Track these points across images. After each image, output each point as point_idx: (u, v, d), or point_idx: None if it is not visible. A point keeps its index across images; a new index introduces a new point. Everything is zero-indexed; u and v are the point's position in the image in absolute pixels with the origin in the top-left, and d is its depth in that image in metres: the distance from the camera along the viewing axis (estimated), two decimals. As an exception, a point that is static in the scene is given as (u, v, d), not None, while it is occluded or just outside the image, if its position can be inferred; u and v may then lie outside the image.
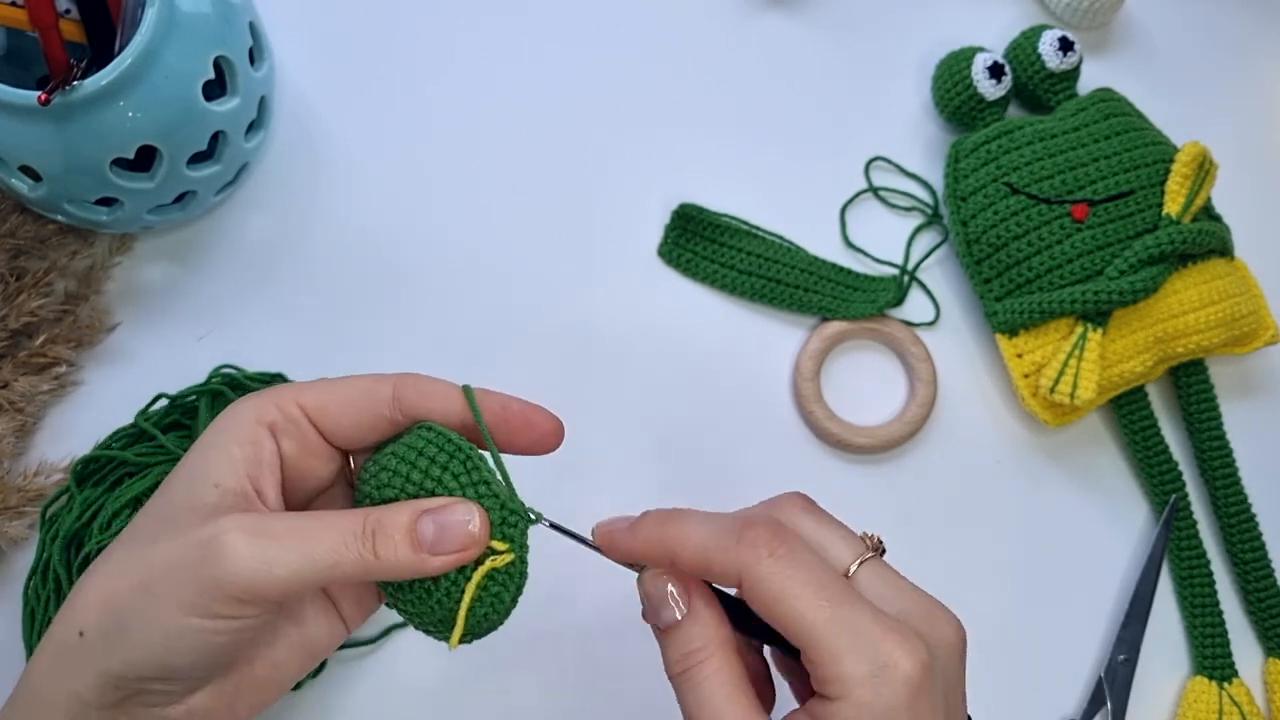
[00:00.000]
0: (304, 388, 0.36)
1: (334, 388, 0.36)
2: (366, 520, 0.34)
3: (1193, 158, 0.56)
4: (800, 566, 0.33)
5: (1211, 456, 0.58)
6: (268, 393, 0.36)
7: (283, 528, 0.33)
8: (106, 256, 0.56)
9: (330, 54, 0.60)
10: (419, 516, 0.34)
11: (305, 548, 0.33)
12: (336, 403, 0.36)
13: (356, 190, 0.59)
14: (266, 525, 0.33)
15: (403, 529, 0.34)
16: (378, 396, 0.36)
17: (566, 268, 0.58)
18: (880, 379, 0.58)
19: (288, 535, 0.33)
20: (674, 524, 0.35)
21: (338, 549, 0.33)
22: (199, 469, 0.35)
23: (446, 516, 0.34)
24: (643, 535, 0.35)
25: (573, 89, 0.61)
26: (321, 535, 0.33)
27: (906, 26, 0.64)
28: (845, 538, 0.36)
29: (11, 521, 0.51)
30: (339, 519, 0.34)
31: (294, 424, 0.36)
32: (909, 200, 0.61)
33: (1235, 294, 0.56)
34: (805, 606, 0.32)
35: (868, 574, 0.35)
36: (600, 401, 0.56)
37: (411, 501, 0.35)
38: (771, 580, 0.33)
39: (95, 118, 0.46)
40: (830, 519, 0.37)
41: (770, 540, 0.33)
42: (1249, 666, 0.57)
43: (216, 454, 0.35)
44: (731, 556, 0.33)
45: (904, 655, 0.32)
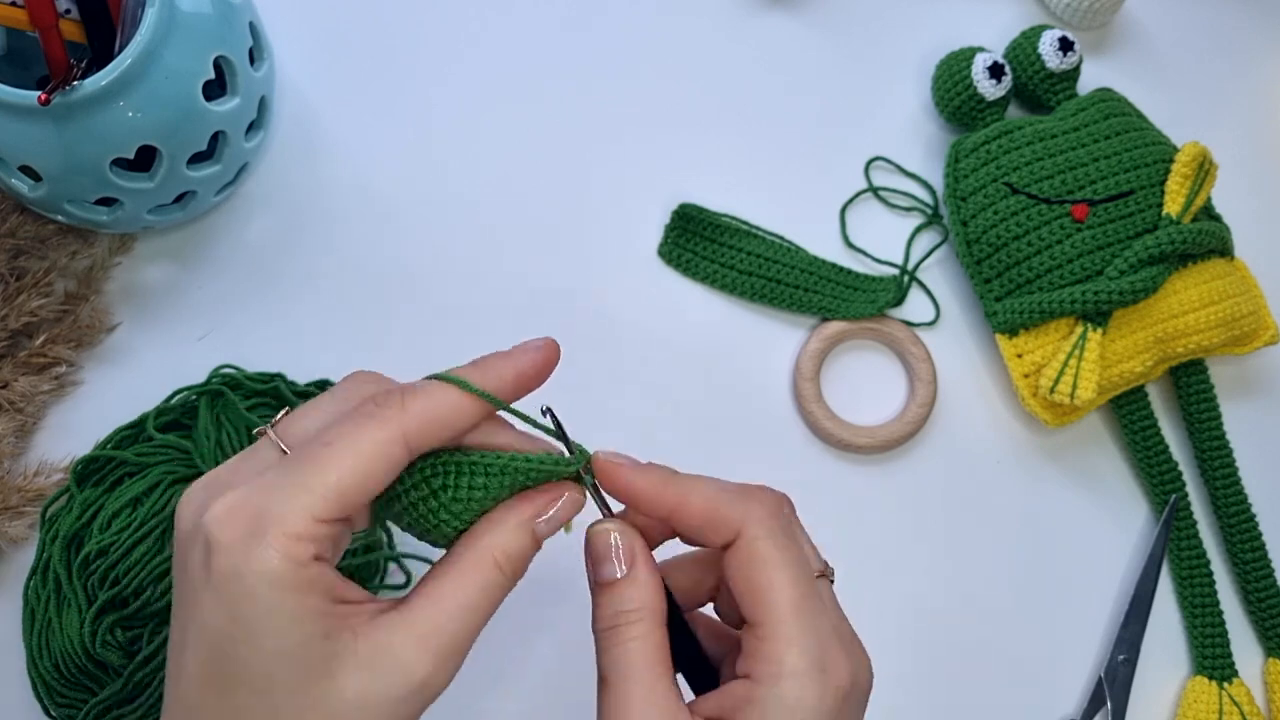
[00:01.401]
0: (304, 491, 0.31)
1: (341, 471, 0.32)
2: (496, 559, 0.34)
3: (1193, 158, 0.56)
4: (794, 543, 0.35)
5: (1211, 456, 0.58)
6: (275, 526, 0.31)
7: (459, 640, 0.33)
8: (106, 256, 0.56)
9: (330, 54, 0.60)
10: (534, 527, 0.34)
11: (476, 630, 0.33)
12: (354, 490, 0.32)
13: (356, 190, 0.59)
14: (452, 648, 0.33)
15: (530, 548, 0.34)
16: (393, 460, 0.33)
17: (567, 268, 0.58)
18: (880, 379, 0.58)
19: (463, 640, 0.33)
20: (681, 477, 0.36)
21: (491, 598, 0.34)
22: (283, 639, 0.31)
23: (558, 516, 0.35)
24: (652, 475, 0.36)
25: (572, 89, 0.61)
26: (485, 611, 0.33)
27: (906, 26, 0.64)
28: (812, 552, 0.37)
29: (11, 521, 0.51)
30: (481, 586, 0.33)
31: (329, 540, 0.32)
32: (909, 200, 0.61)
33: (1235, 294, 0.56)
34: (785, 582, 0.33)
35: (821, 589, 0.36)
36: (600, 401, 0.56)
37: (511, 514, 0.34)
38: (766, 543, 0.34)
39: (95, 118, 0.46)
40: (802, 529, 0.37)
41: (777, 509, 0.35)
42: (1249, 666, 0.57)
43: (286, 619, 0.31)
44: (739, 510, 0.34)
45: (844, 667, 0.33)
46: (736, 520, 0.34)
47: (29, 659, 0.48)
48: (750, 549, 0.34)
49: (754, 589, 0.34)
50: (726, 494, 0.35)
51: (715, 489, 0.35)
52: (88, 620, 0.47)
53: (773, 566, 0.34)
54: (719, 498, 0.35)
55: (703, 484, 0.35)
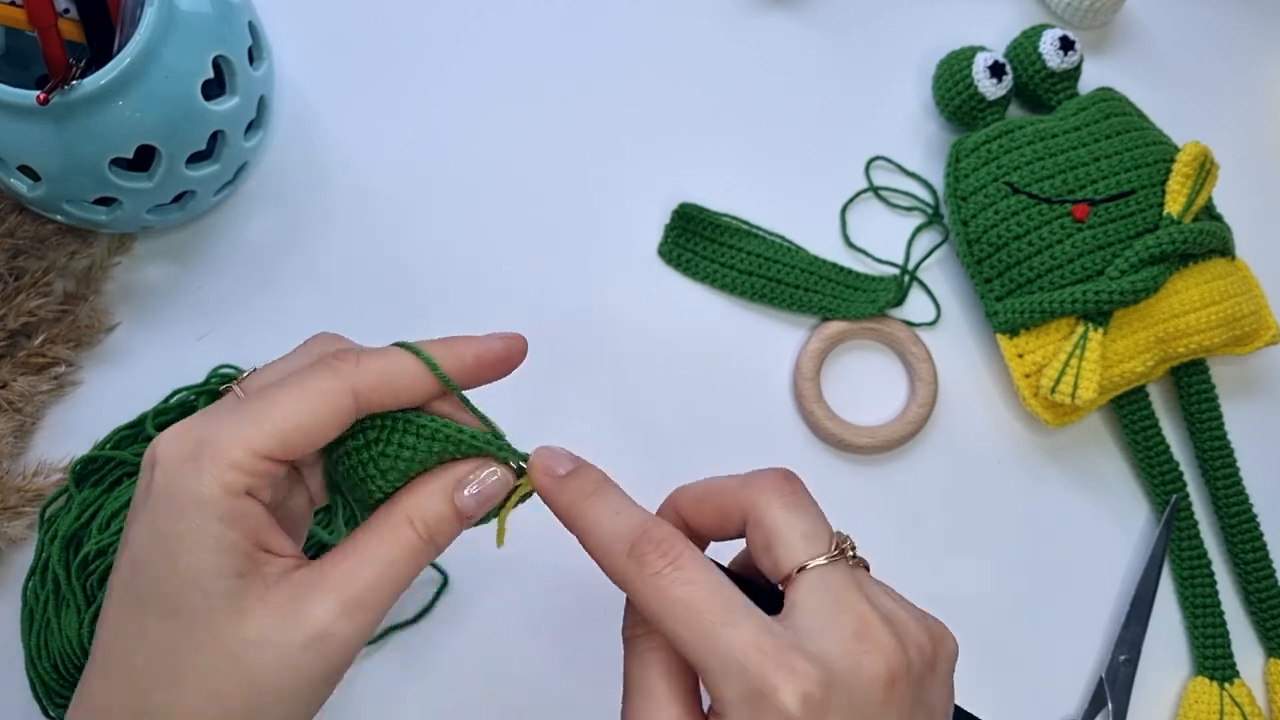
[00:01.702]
0: (249, 428, 0.32)
1: (286, 414, 0.32)
2: (416, 527, 0.34)
3: (1194, 157, 0.56)
4: (682, 585, 0.32)
5: (1212, 457, 0.58)
6: (210, 452, 0.31)
7: (366, 586, 0.32)
8: (105, 256, 0.56)
9: (330, 54, 0.60)
10: (455, 492, 0.34)
11: (394, 589, 0.33)
12: (298, 432, 0.32)
13: (355, 190, 0.59)
14: (354, 597, 0.32)
15: (449, 518, 0.34)
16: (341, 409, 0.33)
17: (567, 267, 0.58)
18: (880, 379, 0.58)
19: (375, 592, 0.33)
20: (591, 503, 0.34)
21: (410, 566, 0.33)
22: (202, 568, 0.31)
23: (485, 488, 0.34)
24: (561, 501, 0.35)
25: (572, 89, 0.61)
26: (397, 567, 0.33)
27: (906, 26, 0.63)
28: (808, 534, 0.34)
29: (10, 521, 0.51)
30: (395, 539, 0.33)
31: (265, 476, 0.32)
32: (909, 200, 0.61)
33: (1236, 294, 0.56)
34: (681, 628, 0.32)
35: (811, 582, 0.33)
36: (600, 401, 0.56)
37: (435, 481, 0.34)
38: (653, 599, 0.32)
39: (94, 117, 0.46)
40: (803, 507, 0.35)
41: (658, 559, 0.32)
42: (1250, 667, 0.57)
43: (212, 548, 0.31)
44: (619, 568, 0.33)
45: (783, 683, 0.30)
46: (618, 579, 0.33)
47: (28, 659, 0.48)
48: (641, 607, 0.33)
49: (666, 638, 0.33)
50: (612, 544, 0.33)
51: (605, 534, 0.34)
52: (86, 620, 0.47)
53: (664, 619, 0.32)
54: (605, 549, 0.34)
55: (604, 519, 0.34)
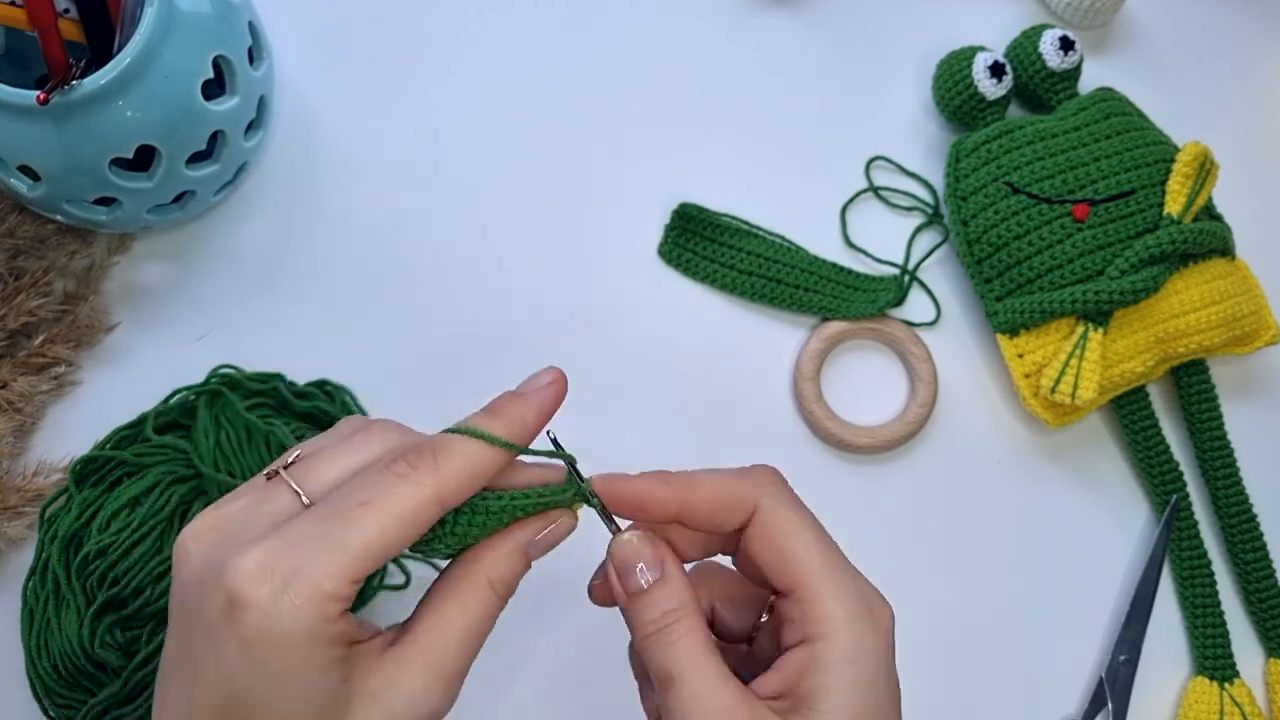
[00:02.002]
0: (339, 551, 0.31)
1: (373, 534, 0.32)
2: (495, 589, 0.35)
3: (1194, 157, 0.56)
4: (805, 512, 0.36)
5: (1212, 457, 0.58)
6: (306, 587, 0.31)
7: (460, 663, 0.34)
8: (105, 256, 0.56)
9: (330, 54, 0.60)
10: (526, 551, 0.36)
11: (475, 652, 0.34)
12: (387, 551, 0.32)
13: (355, 190, 0.59)
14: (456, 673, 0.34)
15: (522, 571, 0.36)
16: (429, 520, 0.33)
17: (567, 267, 0.58)
18: (880, 379, 0.58)
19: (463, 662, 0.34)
20: (686, 474, 0.37)
21: (490, 625, 0.35)
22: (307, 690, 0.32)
23: (549, 540, 0.36)
24: (652, 480, 0.36)
25: (572, 89, 0.61)
26: (482, 631, 0.35)
27: (906, 26, 0.63)
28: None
29: (10, 522, 0.51)
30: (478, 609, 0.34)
31: (354, 594, 0.32)
32: (909, 200, 0.61)
33: (1236, 294, 0.56)
34: (809, 543, 0.35)
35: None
36: (600, 401, 0.56)
37: (513, 540, 0.35)
38: (781, 510, 0.35)
39: (94, 117, 0.46)
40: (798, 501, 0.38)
41: (780, 481, 0.37)
42: (1250, 667, 0.57)
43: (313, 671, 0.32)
44: (748, 487, 0.36)
45: (883, 610, 0.35)
46: (749, 497, 0.36)
47: (28, 659, 0.48)
48: (771, 520, 0.35)
49: (784, 556, 0.35)
50: (730, 476, 0.36)
51: (718, 474, 0.36)
52: (86, 621, 0.47)
53: (796, 532, 0.35)
54: (725, 481, 0.36)
55: (704, 473, 0.37)
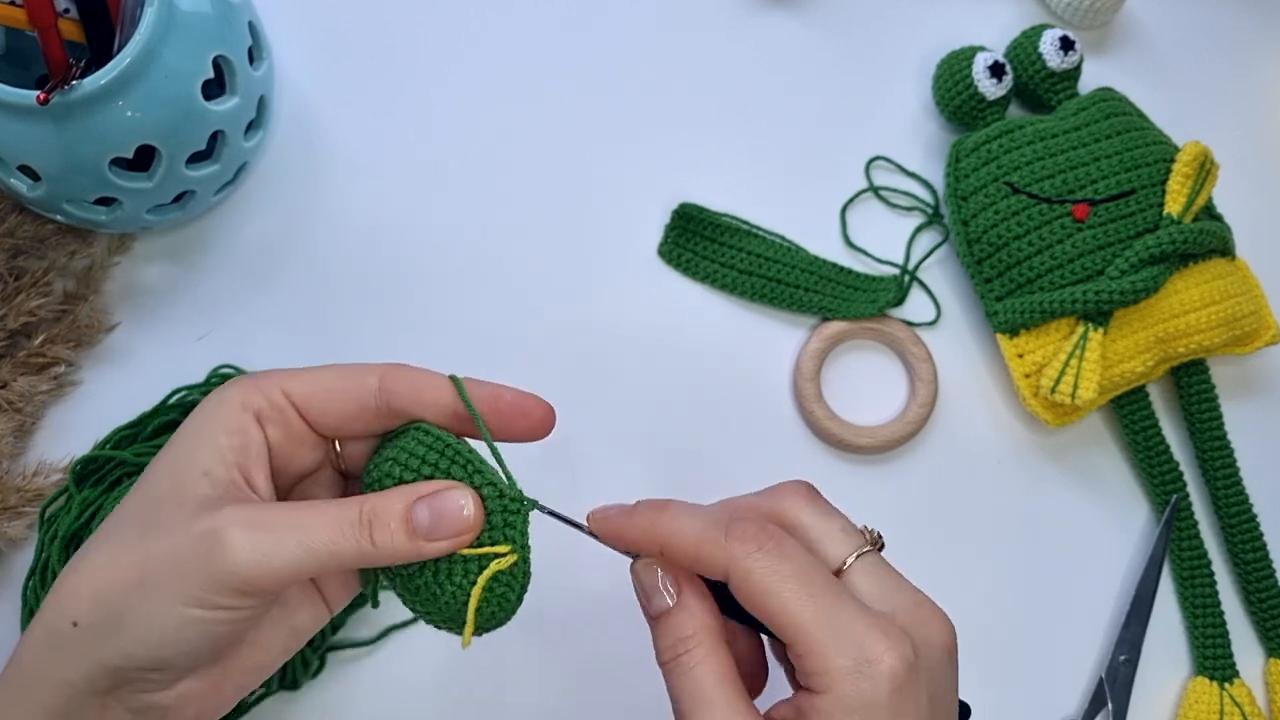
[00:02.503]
0: (289, 375, 0.36)
1: (320, 376, 0.36)
2: (363, 509, 0.34)
3: (1194, 157, 0.56)
4: (786, 561, 0.34)
5: (1212, 457, 0.58)
6: (252, 379, 0.36)
7: (280, 519, 0.33)
8: (105, 256, 0.56)
9: (330, 54, 0.60)
10: (414, 503, 0.34)
11: (303, 538, 0.33)
12: (322, 392, 0.36)
13: (356, 190, 0.59)
14: (264, 517, 0.33)
15: (398, 516, 0.34)
16: (364, 386, 0.36)
17: (567, 268, 0.58)
18: (881, 379, 0.58)
19: (285, 527, 0.33)
20: (667, 515, 0.36)
21: (335, 539, 0.33)
22: (186, 458, 0.35)
23: (441, 502, 0.34)
24: (636, 524, 0.36)
25: (573, 89, 0.61)
26: (319, 526, 0.33)
27: (906, 26, 0.63)
28: (845, 530, 0.37)
29: (10, 522, 0.51)
30: (334, 508, 0.34)
31: (280, 412, 0.36)
32: (909, 200, 0.61)
33: (1236, 294, 0.56)
34: (789, 601, 0.33)
35: (862, 569, 0.36)
36: (600, 401, 0.56)
37: (405, 487, 0.35)
38: (757, 575, 0.34)
39: (94, 117, 0.46)
40: (831, 510, 0.38)
41: (757, 535, 0.34)
42: (1250, 667, 0.57)
43: (204, 443, 0.35)
44: (720, 550, 0.34)
45: (887, 651, 0.33)
46: (720, 562, 0.35)
47: (28, 660, 0.48)
48: (742, 585, 0.34)
49: (765, 615, 0.34)
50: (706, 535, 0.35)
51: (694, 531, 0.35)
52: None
53: (773, 594, 0.34)
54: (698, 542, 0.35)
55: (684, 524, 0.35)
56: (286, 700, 0.51)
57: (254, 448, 0.35)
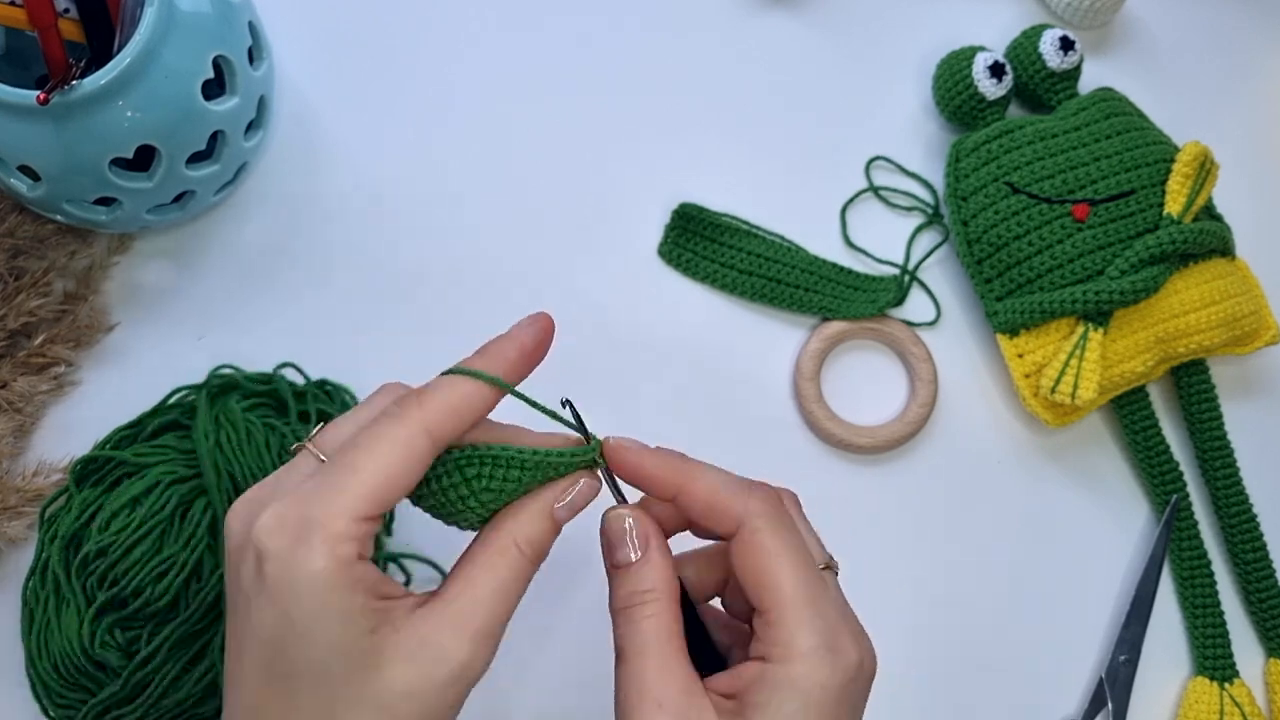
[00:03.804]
0: (347, 493, 0.33)
1: (374, 472, 0.34)
2: (522, 549, 0.36)
3: (1194, 157, 0.56)
4: (795, 534, 0.36)
5: (1212, 457, 0.58)
6: (318, 526, 0.33)
7: (491, 621, 0.35)
8: (105, 256, 0.56)
9: (330, 53, 0.60)
10: (553, 512, 0.36)
11: (508, 612, 0.35)
12: (386, 488, 0.34)
13: (355, 189, 0.59)
14: (486, 630, 0.34)
15: (549, 532, 0.36)
16: (420, 455, 0.35)
17: (567, 268, 0.58)
18: (881, 379, 0.58)
19: (495, 621, 0.35)
20: (691, 462, 0.38)
21: (522, 587, 0.36)
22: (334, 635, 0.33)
23: (576, 500, 0.37)
24: (661, 460, 0.37)
25: (573, 88, 0.61)
26: (512, 592, 0.35)
27: (906, 26, 0.63)
28: (818, 544, 0.39)
29: (10, 522, 0.51)
30: (507, 570, 0.35)
31: (367, 537, 0.34)
32: (909, 200, 0.61)
33: (1236, 294, 0.56)
34: (786, 568, 0.35)
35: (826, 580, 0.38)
36: (600, 401, 0.56)
37: (538, 501, 0.36)
38: (767, 534, 0.35)
39: (94, 117, 0.46)
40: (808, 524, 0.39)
41: (779, 503, 0.37)
42: (1250, 667, 0.57)
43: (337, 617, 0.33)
44: (740, 502, 0.36)
45: (852, 647, 0.35)
46: (737, 511, 0.36)
47: (28, 659, 0.48)
48: (752, 539, 0.36)
49: (759, 577, 0.35)
50: (729, 486, 0.37)
51: (719, 480, 0.37)
52: (86, 621, 0.47)
53: (774, 556, 0.35)
54: (721, 488, 0.37)
55: (708, 473, 0.37)
56: (286, 700, 0.51)
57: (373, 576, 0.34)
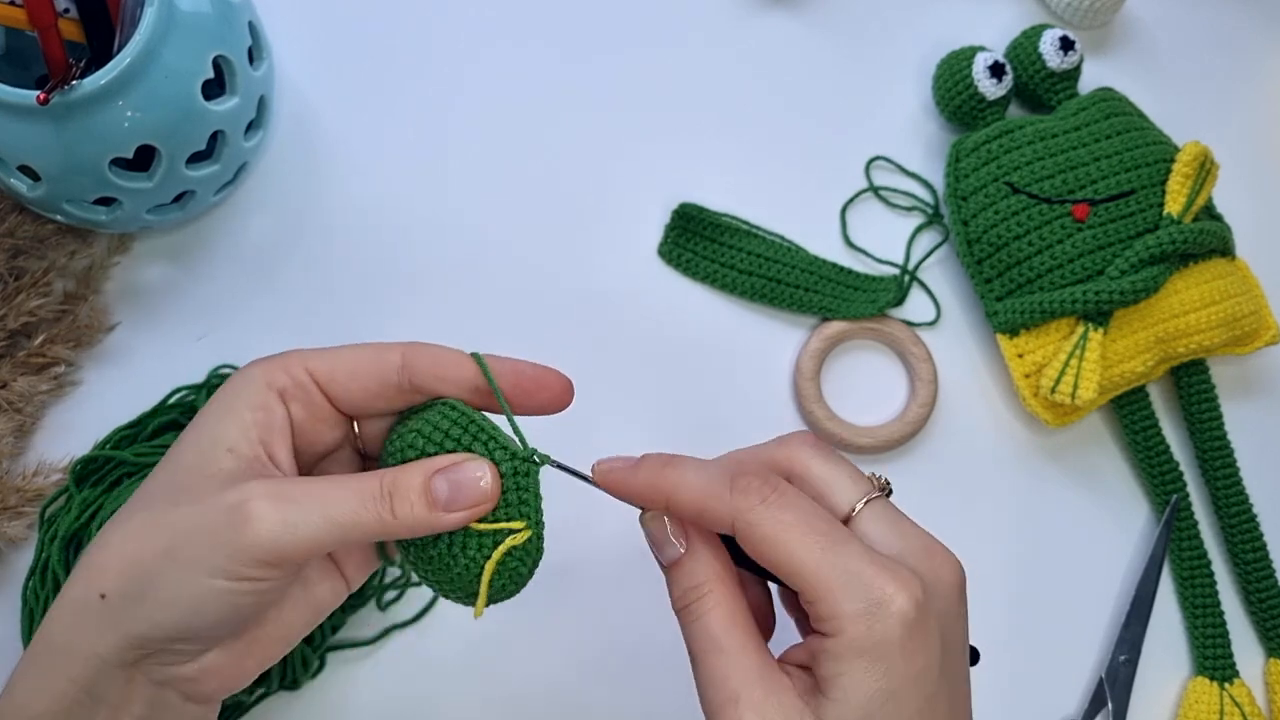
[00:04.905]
0: (312, 354, 0.37)
1: (342, 355, 0.37)
2: (383, 481, 0.35)
3: (1194, 157, 0.56)
4: (791, 510, 0.35)
5: (1212, 456, 0.58)
6: (277, 358, 0.37)
7: (304, 492, 0.34)
8: (105, 256, 0.56)
9: (330, 53, 0.60)
10: (432, 475, 0.35)
11: (327, 510, 0.34)
12: (345, 370, 0.37)
13: (356, 190, 0.59)
14: (288, 490, 0.34)
15: (417, 489, 0.35)
16: (386, 364, 0.37)
17: (567, 268, 0.58)
18: (881, 379, 0.58)
19: (309, 498, 0.34)
20: (672, 469, 0.36)
21: (357, 510, 0.34)
22: (211, 434, 0.36)
23: (459, 474, 0.35)
24: (642, 478, 0.37)
25: (573, 89, 0.61)
26: (341, 497, 0.34)
27: (906, 26, 0.63)
28: (852, 477, 0.37)
29: (10, 522, 0.51)
30: (356, 481, 0.35)
31: (303, 390, 0.37)
32: (909, 200, 0.61)
33: (1236, 294, 0.56)
34: (797, 548, 0.34)
35: (870, 515, 0.36)
36: (600, 401, 0.56)
37: (424, 461, 0.36)
38: (763, 525, 0.34)
39: (94, 117, 0.46)
40: (838, 459, 0.38)
41: (761, 487, 0.35)
42: (1250, 667, 0.57)
43: (229, 419, 0.36)
44: (725, 504, 0.35)
45: (897, 592, 0.33)
46: (724, 513, 0.35)
47: (28, 660, 0.48)
48: (749, 536, 0.35)
49: (773, 564, 0.34)
50: (711, 487, 0.35)
51: (699, 483, 0.36)
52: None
53: (780, 542, 0.34)
54: (703, 494, 0.35)
55: (689, 476, 0.36)
56: (286, 700, 0.51)
57: (278, 424, 0.36)
